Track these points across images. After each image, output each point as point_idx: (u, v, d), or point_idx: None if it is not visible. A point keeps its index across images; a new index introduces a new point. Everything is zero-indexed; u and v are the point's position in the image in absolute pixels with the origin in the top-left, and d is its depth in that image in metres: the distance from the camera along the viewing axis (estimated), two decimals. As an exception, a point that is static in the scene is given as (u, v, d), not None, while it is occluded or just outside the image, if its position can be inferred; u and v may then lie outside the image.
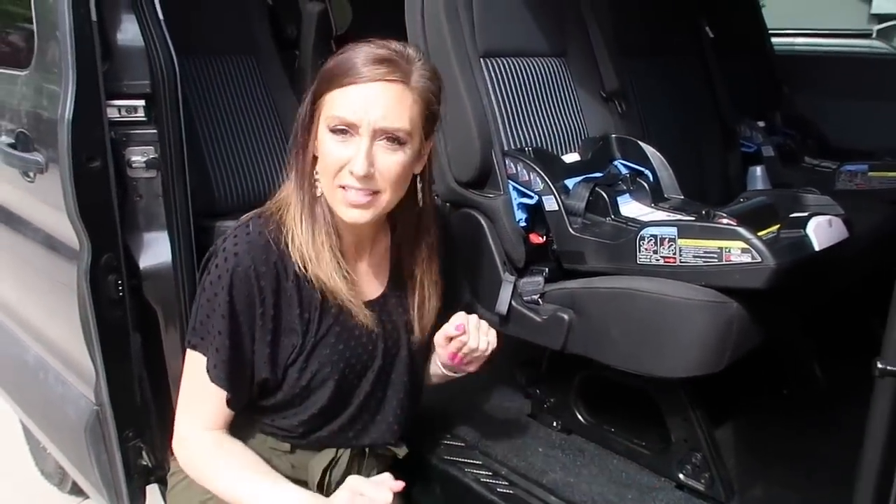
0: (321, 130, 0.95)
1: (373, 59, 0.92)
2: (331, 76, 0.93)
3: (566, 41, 1.59)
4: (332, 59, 0.95)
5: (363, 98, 0.91)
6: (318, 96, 0.95)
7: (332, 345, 1.02)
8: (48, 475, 2.10)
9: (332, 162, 0.93)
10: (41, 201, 1.32)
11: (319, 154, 0.96)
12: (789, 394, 1.54)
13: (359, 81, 0.91)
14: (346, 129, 0.92)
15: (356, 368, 1.05)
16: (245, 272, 0.95)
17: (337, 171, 0.94)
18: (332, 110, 0.93)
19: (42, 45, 1.25)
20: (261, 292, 0.96)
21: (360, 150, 0.91)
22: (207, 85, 1.90)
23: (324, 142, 0.94)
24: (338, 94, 0.92)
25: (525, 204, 1.36)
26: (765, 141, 2.01)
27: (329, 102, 0.93)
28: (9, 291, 1.66)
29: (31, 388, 1.63)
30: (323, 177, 0.96)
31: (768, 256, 1.06)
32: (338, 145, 0.93)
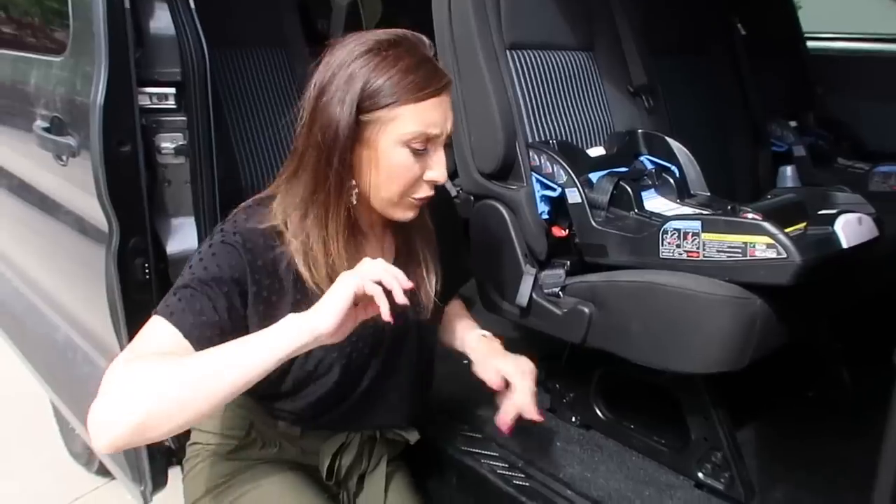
0: (387, 147, 0.91)
1: (434, 68, 0.92)
2: (393, 91, 0.89)
3: (594, 35, 1.58)
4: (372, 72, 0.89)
5: (442, 110, 0.92)
6: (371, 109, 0.90)
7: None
8: (76, 455, 2.15)
9: (411, 176, 0.93)
10: (73, 184, 1.35)
11: (385, 169, 0.92)
12: (814, 397, 1.52)
13: (435, 95, 0.91)
14: (426, 144, 0.92)
15: (364, 352, 1.04)
16: (240, 249, 0.91)
17: (413, 184, 0.94)
18: (410, 127, 0.90)
19: (77, 33, 1.28)
20: (255, 272, 0.91)
21: (440, 160, 0.94)
22: (237, 77, 1.93)
23: (395, 158, 0.92)
24: (415, 108, 0.90)
25: (548, 196, 1.35)
26: (796, 141, 1.98)
27: (400, 118, 0.90)
28: (40, 272, 1.70)
29: (60, 368, 1.67)
30: (388, 189, 0.94)
31: (794, 252, 1.04)
32: (414, 160, 0.92)
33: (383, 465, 1.16)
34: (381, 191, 0.94)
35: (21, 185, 1.64)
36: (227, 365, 0.79)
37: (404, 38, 0.93)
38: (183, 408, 0.78)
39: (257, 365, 0.80)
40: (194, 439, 1.12)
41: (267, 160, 1.92)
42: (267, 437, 1.08)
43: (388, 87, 0.89)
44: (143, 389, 0.77)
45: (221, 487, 1.07)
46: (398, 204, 0.96)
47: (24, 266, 1.80)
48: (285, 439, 1.08)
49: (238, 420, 1.09)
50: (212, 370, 0.79)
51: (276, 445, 1.09)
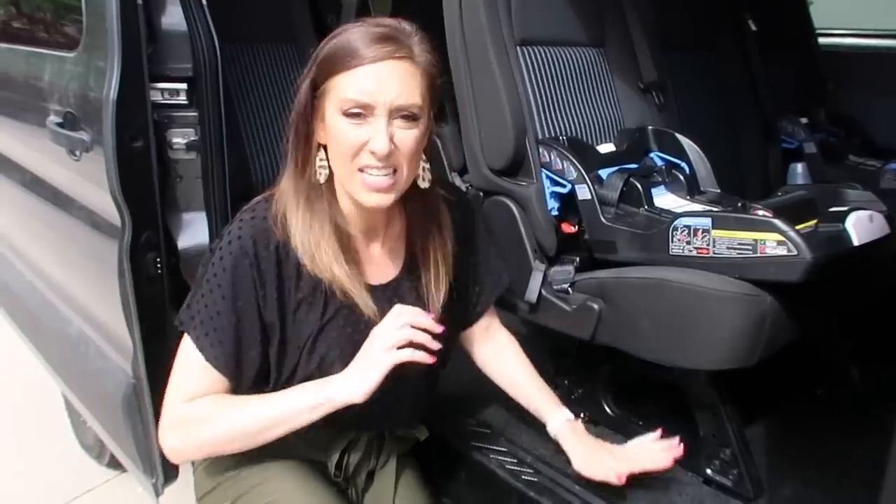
0: (331, 116, 0.93)
1: (376, 37, 0.91)
2: (334, 60, 0.92)
3: (604, 31, 1.58)
4: (326, 43, 0.94)
5: (375, 78, 0.90)
6: (321, 82, 0.93)
7: (341, 328, 1.01)
8: (88, 448, 2.16)
9: (350, 145, 0.92)
10: (86, 179, 1.36)
11: (331, 140, 0.95)
12: (823, 395, 1.51)
13: (368, 62, 0.90)
14: (361, 112, 0.91)
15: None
16: (247, 256, 0.95)
17: (355, 154, 0.93)
18: (344, 93, 0.91)
19: (90, 28, 1.29)
20: (261, 276, 0.96)
21: (379, 130, 0.91)
22: (247, 71, 1.93)
23: (337, 127, 0.93)
24: (346, 77, 0.91)
25: (558, 193, 1.35)
26: (807, 137, 1.97)
27: (337, 87, 0.92)
28: (53, 266, 1.71)
29: (72, 361, 1.68)
30: (338, 162, 0.95)
31: (805, 249, 1.04)
32: (354, 128, 0.92)
33: (393, 462, 1.16)
34: (335, 164, 0.96)
35: (34, 179, 1.65)
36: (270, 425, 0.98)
37: (377, 20, 0.95)
38: (234, 447, 1.01)
39: (294, 426, 0.98)
40: None
41: (277, 155, 1.93)
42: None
43: (333, 57, 0.92)
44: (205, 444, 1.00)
45: (231, 481, 1.08)
46: (353, 181, 0.95)
47: (37, 260, 1.81)
48: (294, 435, 1.08)
49: None
50: (257, 428, 0.98)
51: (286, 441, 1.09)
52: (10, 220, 1.95)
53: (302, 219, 0.96)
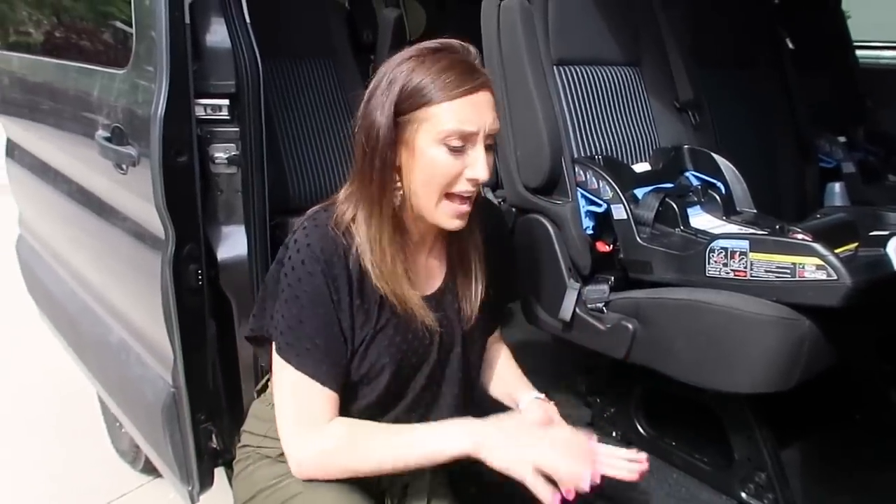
0: (425, 145, 0.95)
1: (466, 68, 0.95)
2: (427, 91, 0.93)
3: (640, 50, 1.59)
4: (404, 72, 0.95)
5: (478, 107, 0.94)
6: (407, 110, 0.95)
7: (391, 336, 1.03)
8: (122, 453, 2.20)
9: (448, 174, 0.95)
10: (131, 192, 1.39)
11: (421, 168, 0.96)
12: (861, 420, 1.49)
13: (467, 93, 0.93)
14: (464, 143, 0.94)
15: (412, 361, 1.06)
16: (317, 260, 0.97)
17: (451, 183, 0.96)
18: (446, 124, 0.93)
19: (139, 46, 1.33)
20: (334, 280, 0.98)
21: (479, 158, 0.95)
22: (286, 85, 1.97)
23: (433, 156, 0.94)
24: (446, 107, 0.93)
25: (593, 212, 1.36)
26: (845, 157, 1.94)
27: (434, 117, 0.94)
28: (96, 276, 1.76)
29: (112, 368, 1.72)
30: (426, 189, 0.97)
31: (845, 274, 1.03)
32: (453, 157, 0.94)
33: (427, 474, 1.17)
34: (423, 192, 0.97)
35: (80, 190, 1.70)
36: (413, 462, 1.00)
37: (447, 45, 0.97)
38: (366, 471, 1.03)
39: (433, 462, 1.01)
40: (245, 441, 1.15)
41: (313, 168, 1.96)
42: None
43: (423, 87, 0.93)
44: (345, 472, 1.02)
45: (271, 490, 1.09)
46: (440, 207, 0.97)
47: (80, 269, 1.86)
48: None
49: None
50: (392, 459, 1.00)
51: None
52: (55, 229, 2.00)
53: (374, 236, 0.98)
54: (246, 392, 1.44)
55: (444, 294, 1.09)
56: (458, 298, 1.10)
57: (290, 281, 0.99)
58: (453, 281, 1.10)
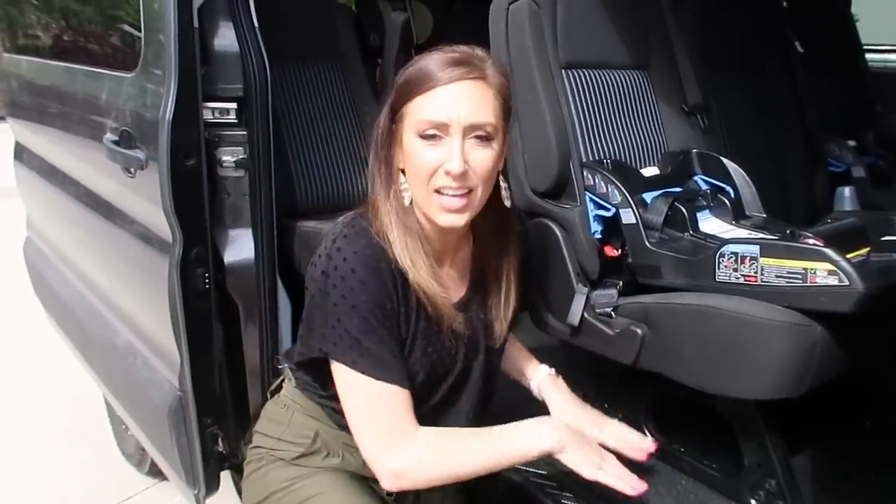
0: (408, 140, 0.97)
1: (449, 61, 0.95)
2: (411, 86, 0.96)
3: (649, 54, 1.58)
4: (404, 71, 0.98)
5: (449, 98, 0.94)
6: (398, 108, 0.98)
7: (423, 346, 1.03)
8: (128, 456, 2.21)
9: (425, 167, 0.95)
10: (139, 196, 1.39)
11: (408, 163, 0.98)
12: (872, 426, 1.47)
13: (442, 83, 0.94)
14: (437, 133, 0.94)
15: (438, 371, 1.06)
16: (369, 267, 0.96)
17: (431, 176, 0.95)
18: (420, 115, 0.95)
19: (147, 50, 1.33)
20: (384, 284, 0.98)
21: (453, 149, 0.93)
22: (294, 89, 1.97)
23: (414, 149, 0.96)
24: (422, 100, 0.95)
25: (601, 216, 1.35)
26: (855, 161, 1.93)
27: (414, 110, 0.96)
28: (104, 278, 1.76)
29: (119, 371, 1.72)
30: (415, 185, 0.98)
31: (857, 280, 1.02)
32: (429, 150, 0.95)
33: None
34: (413, 189, 0.99)
35: (87, 193, 1.70)
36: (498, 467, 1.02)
37: (459, 47, 0.98)
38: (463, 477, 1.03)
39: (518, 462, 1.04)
40: (258, 443, 1.15)
41: (320, 171, 1.96)
42: (331, 447, 1.10)
43: (409, 83, 0.96)
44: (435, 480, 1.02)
45: (284, 492, 1.09)
46: (429, 202, 0.97)
47: (87, 271, 1.86)
48: (348, 451, 1.10)
49: (305, 428, 1.11)
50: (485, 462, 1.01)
51: (338, 455, 1.10)
52: (63, 232, 2.01)
53: (398, 238, 0.98)
54: (252, 396, 1.44)
55: (467, 305, 1.09)
56: (487, 312, 1.10)
57: (342, 292, 0.96)
58: (480, 294, 1.10)
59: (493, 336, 1.11)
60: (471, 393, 1.11)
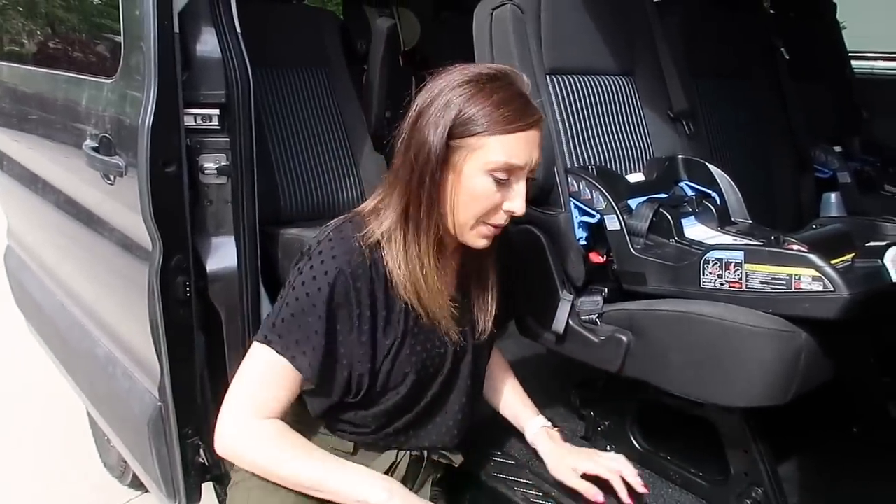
0: (473, 172, 0.96)
1: (525, 103, 0.97)
2: (487, 120, 0.95)
3: (634, 60, 1.58)
4: (461, 97, 0.95)
5: (530, 143, 0.97)
6: (463, 135, 0.96)
7: (412, 346, 1.05)
8: (110, 467, 2.18)
9: (490, 203, 0.98)
10: (119, 203, 1.37)
11: (465, 193, 0.98)
12: (859, 433, 1.47)
13: (524, 128, 0.96)
14: (509, 175, 0.97)
15: (429, 370, 1.08)
16: (344, 274, 0.98)
17: (489, 212, 0.98)
18: (499, 156, 0.95)
19: (127, 56, 1.32)
20: (357, 293, 0.99)
21: (520, 192, 0.98)
22: (279, 95, 1.96)
23: (479, 184, 0.97)
24: (503, 139, 0.95)
25: (586, 222, 1.34)
26: (841, 167, 1.94)
27: (487, 146, 0.95)
28: (84, 287, 1.74)
29: (99, 381, 1.69)
30: (466, 213, 0.99)
31: (841, 286, 1.01)
32: (495, 189, 0.97)
33: (428, 487, 1.17)
34: (460, 214, 0.99)
35: (67, 200, 1.68)
36: (319, 491, 1.02)
37: (504, 74, 0.99)
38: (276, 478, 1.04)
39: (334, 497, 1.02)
40: None
41: (306, 178, 1.95)
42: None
43: (480, 117, 0.95)
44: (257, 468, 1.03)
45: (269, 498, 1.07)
46: (473, 229, 1.00)
47: (68, 280, 1.84)
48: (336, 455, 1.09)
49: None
50: (309, 484, 1.02)
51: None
52: (43, 240, 1.98)
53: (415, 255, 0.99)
54: (235, 406, 1.42)
55: (456, 305, 1.10)
56: (473, 312, 1.12)
57: (305, 289, 0.98)
58: (465, 293, 1.12)
59: (478, 335, 1.13)
60: (459, 393, 1.13)
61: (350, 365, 1.03)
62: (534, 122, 0.97)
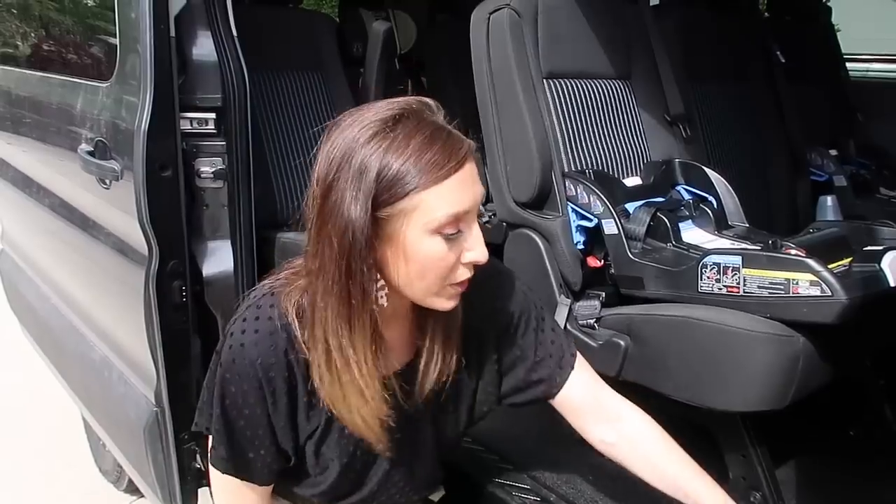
0: (415, 239, 0.79)
1: (446, 136, 0.80)
2: (407, 179, 0.77)
3: (631, 64, 1.58)
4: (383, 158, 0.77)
5: (468, 180, 0.80)
6: (386, 205, 0.78)
7: (342, 430, 0.93)
8: (105, 472, 2.16)
9: (446, 266, 0.81)
10: (115, 207, 1.37)
11: (415, 266, 0.81)
12: (857, 435, 1.47)
13: (460, 167, 0.79)
14: (459, 226, 0.80)
15: (369, 447, 0.94)
16: (251, 365, 0.87)
17: (450, 271, 0.82)
18: (438, 211, 0.78)
19: (123, 59, 1.31)
20: (270, 383, 0.88)
21: (477, 238, 0.82)
22: (275, 99, 1.96)
23: (428, 249, 0.80)
24: (439, 190, 0.78)
25: (584, 226, 1.34)
26: (837, 170, 1.94)
27: (424, 205, 0.78)
28: (80, 291, 1.73)
29: (95, 386, 1.68)
30: (424, 283, 0.83)
31: (839, 290, 1.01)
32: (448, 247, 0.80)
33: None
34: (415, 285, 0.83)
35: (63, 204, 1.67)
36: None
37: (408, 110, 0.81)
38: None
39: None
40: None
41: (302, 182, 1.94)
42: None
43: (405, 174, 0.77)
44: None
45: None
46: (438, 294, 0.85)
47: (63, 285, 1.83)
48: None
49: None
50: None
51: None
52: (38, 244, 1.97)
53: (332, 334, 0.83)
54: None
55: (413, 367, 0.96)
56: (430, 372, 0.94)
57: (221, 384, 0.89)
58: (425, 352, 0.94)
59: (437, 397, 0.96)
60: (423, 458, 1.02)
61: (276, 445, 0.93)
62: (465, 156, 0.79)
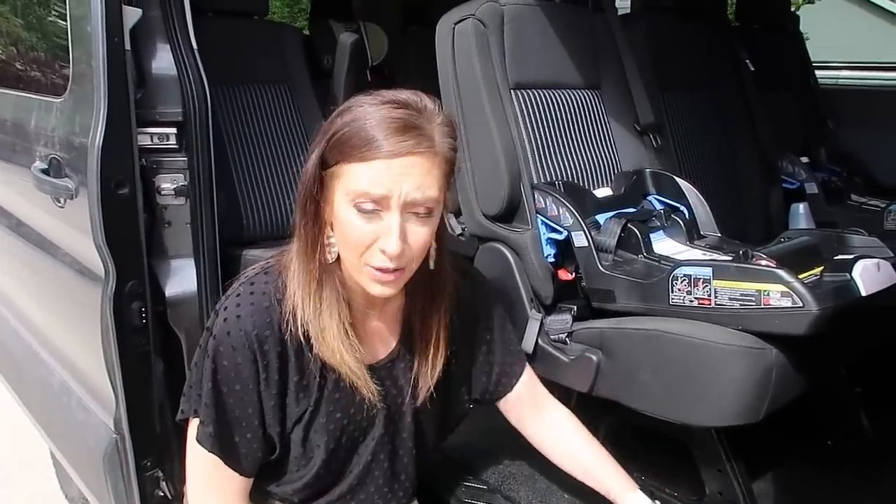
0: (340, 202, 0.86)
1: (396, 128, 0.83)
2: (348, 145, 0.83)
3: (600, 73, 1.57)
4: (341, 120, 0.85)
5: (391, 173, 0.82)
6: (330, 162, 0.86)
7: (330, 412, 0.96)
8: (71, 500, 2.10)
9: (359, 239, 0.85)
10: (70, 227, 1.32)
11: (340, 227, 0.87)
12: (833, 445, 1.46)
13: (384, 156, 0.82)
14: (375, 207, 0.84)
15: (354, 435, 0.99)
16: (246, 337, 0.90)
17: (364, 249, 0.86)
18: (356, 184, 0.83)
19: (76, 74, 1.27)
20: (264, 356, 0.91)
21: (392, 229, 0.83)
22: (241, 112, 1.92)
23: (346, 217, 0.85)
24: (361, 167, 0.83)
25: (554, 239, 1.32)
26: (808, 177, 1.95)
27: (349, 174, 0.84)
28: (38, 314, 1.67)
29: (54, 412, 1.63)
30: (346, 251, 0.88)
31: (810, 301, 1.00)
32: (364, 222, 0.84)
33: None
34: (344, 254, 0.89)
35: (20, 224, 1.62)
36: None
37: (402, 99, 0.86)
38: None
39: None
40: None
41: (269, 197, 1.90)
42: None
43: (346, 142, 0.83)
44: None
45: None
46: (360, 271, 0.88)
47: (21, 307, 1.77)
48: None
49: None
50: None
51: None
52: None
53: (312, 303, 0.90)
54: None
55: (395, 362, 1.01)
56: (415, 370, 1.00)
57: (214, 357, 0.91)
58: (409, 348, 1.01)
59: (419, 395, 1.00)
60: (401, 455, 1.04)
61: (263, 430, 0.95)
62: (409, 152, 0.82)
